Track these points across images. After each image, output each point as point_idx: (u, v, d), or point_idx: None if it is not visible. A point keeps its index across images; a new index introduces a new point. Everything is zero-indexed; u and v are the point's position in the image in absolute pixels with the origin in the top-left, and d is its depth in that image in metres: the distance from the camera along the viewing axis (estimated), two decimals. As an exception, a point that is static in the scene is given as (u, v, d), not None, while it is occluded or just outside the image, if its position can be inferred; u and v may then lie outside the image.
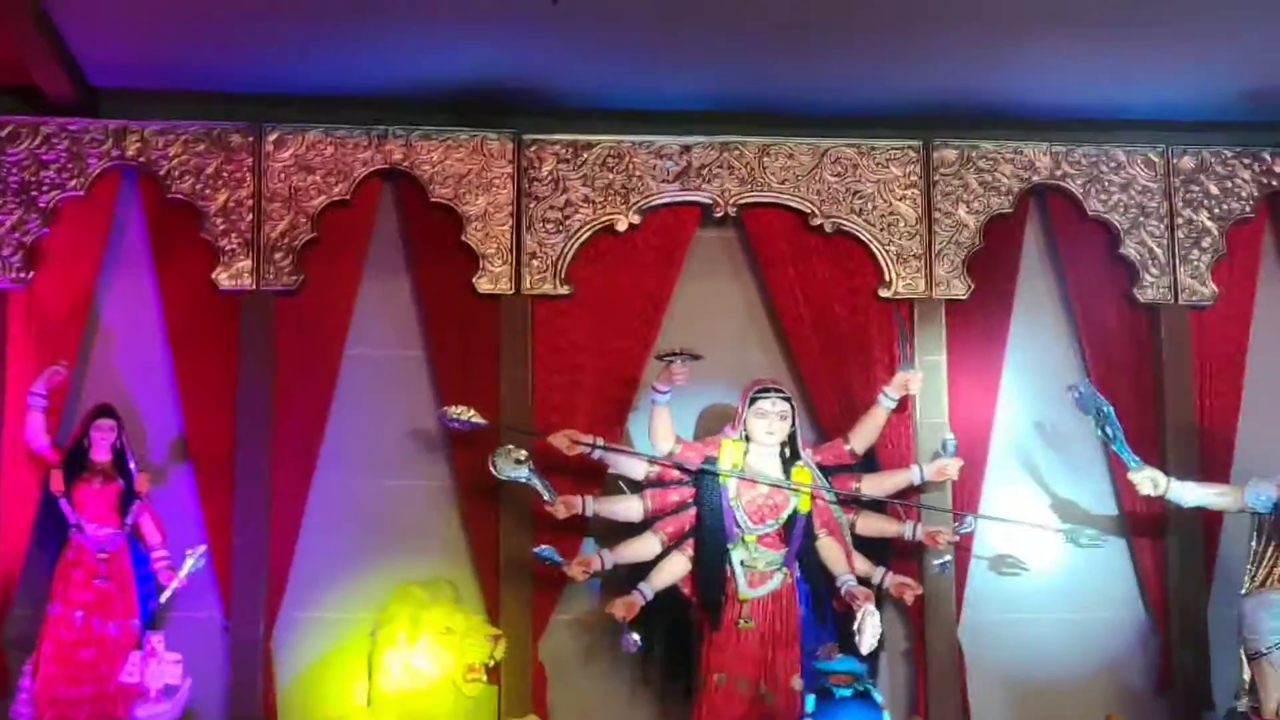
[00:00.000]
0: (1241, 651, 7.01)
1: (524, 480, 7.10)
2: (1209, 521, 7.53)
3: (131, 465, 7.15)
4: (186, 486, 7.38)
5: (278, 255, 7.46)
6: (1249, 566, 7.16)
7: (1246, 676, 6.97)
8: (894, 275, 7.70)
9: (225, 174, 7.49)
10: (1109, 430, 7.28)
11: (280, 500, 7.35)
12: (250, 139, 7.52)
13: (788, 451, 7.21)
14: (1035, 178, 7.89)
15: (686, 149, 7.73)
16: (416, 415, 7.57)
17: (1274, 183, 7.97)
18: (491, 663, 6.99)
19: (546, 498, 7.09)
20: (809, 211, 7.72)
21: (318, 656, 7.34)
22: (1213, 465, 7.66)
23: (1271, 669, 6.84)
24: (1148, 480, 7.28)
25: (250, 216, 7.48)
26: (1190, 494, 7.30)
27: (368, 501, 7.49)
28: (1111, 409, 7.31)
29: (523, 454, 7.13)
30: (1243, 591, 7.12)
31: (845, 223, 7.73)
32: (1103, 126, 7.97)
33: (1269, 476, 7.18)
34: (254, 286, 7.44)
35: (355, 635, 7.21)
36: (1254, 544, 7.18)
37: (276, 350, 7.44)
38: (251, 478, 7.31)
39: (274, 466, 7.36)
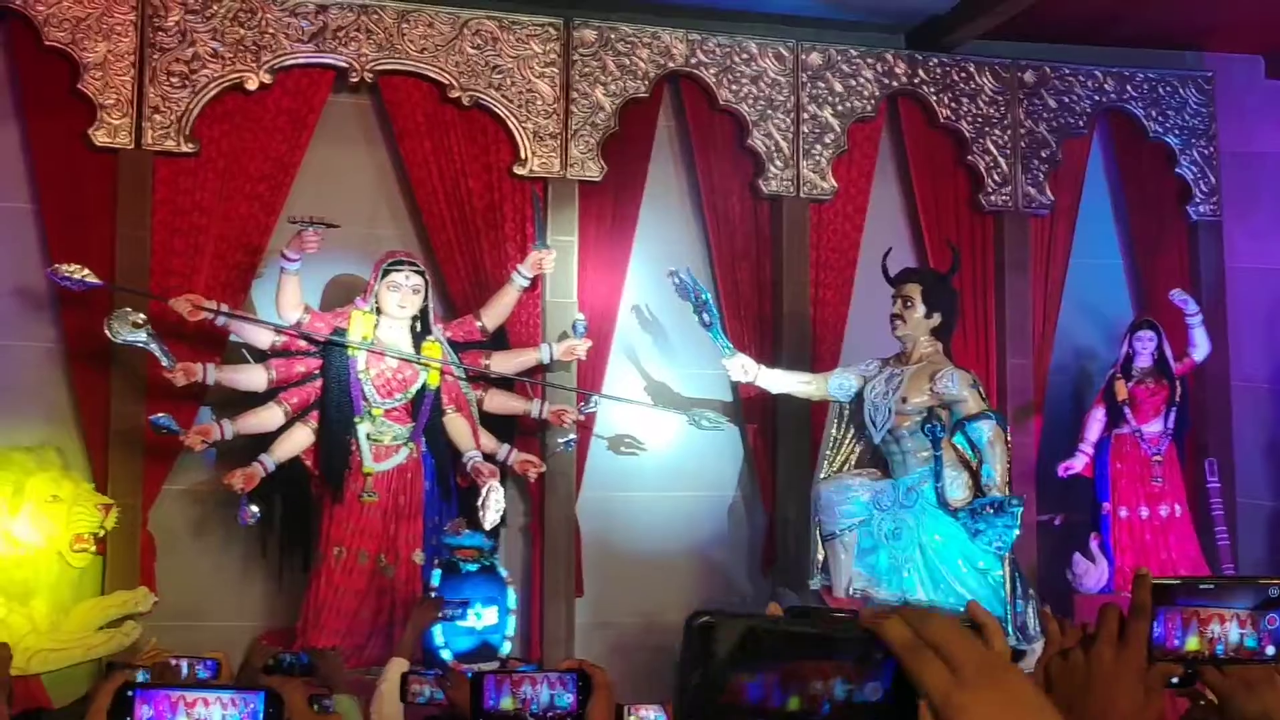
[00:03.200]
0: (817, 532, 7.32)
1: (142, 344, 6.78)
2: (816, 407, 7.81)
3: None
4: None
5: None
6: (827, 452, 7.50)
7: (820, 557, 7.30)
8: (529, 153, 7.66)
9: None
10: (705, 316, 7.45)
11: None
12: None
13: (419, 326, 7.14)
14: (671, 64, 7.96)
15: (323, 8, 7.45)
16: (23, 272, 7.12)
17: (895, 84, 8.26)
18: (101, 532, 6.69)
19: (165, 364, 6.78)
20: (447, 83, 7.57)
21: (-92, 525, 6.88)
22: (823, 353, 7.96)
23: (843, 550, 7.19)
24: (739, 367, 7.48)
25: None
26: (779, 381, 7.55)
27: (-34, 361, 7.04)
28: (710, 295, 7.51)
29: (140, 317, 6.78)
30: (821, 475, 7.45)
31: (483, 97, 7.63)
32: (738, 18, 8.09)
33: (852, 366, 7.52)
34: None
35: (-49, 503, 6.78)
36: (834, 431, 7.52)
37: None
38: None
39: None
